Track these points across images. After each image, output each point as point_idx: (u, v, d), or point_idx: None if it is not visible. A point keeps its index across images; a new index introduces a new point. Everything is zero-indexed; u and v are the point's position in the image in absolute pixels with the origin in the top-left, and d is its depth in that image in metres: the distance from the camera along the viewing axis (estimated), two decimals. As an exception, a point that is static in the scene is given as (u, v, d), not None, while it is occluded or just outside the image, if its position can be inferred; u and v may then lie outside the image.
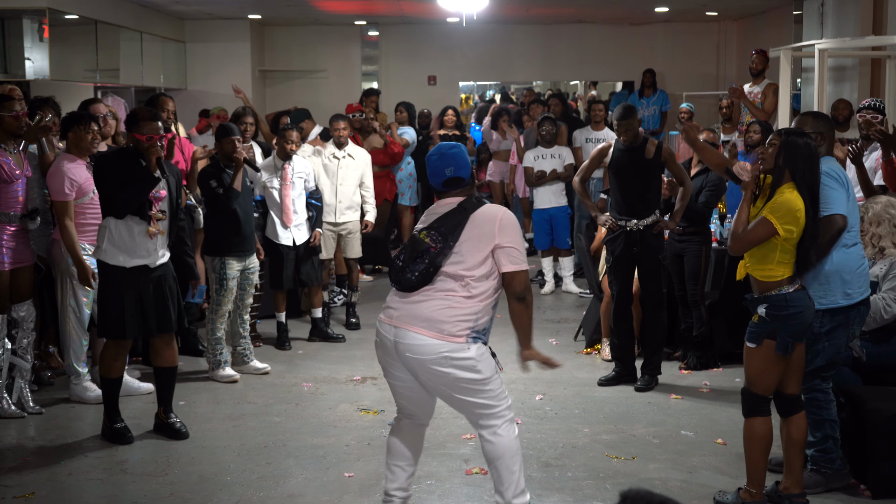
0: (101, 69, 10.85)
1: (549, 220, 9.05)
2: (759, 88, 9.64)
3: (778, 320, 4.11)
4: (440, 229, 3.83)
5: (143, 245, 5.15)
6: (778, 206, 4.10)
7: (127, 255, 5.14)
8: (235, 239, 6.34)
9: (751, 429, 4.25)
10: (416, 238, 3.85)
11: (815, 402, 4.47)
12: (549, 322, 8.01)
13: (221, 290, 6.34)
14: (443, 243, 3.79)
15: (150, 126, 5.10)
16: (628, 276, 6.24)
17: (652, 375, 6.15)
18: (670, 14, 13.44)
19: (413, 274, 3.78)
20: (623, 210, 6.17)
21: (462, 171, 3.96)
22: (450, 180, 3.95)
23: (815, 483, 4.48)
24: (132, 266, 5.14)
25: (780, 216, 4.08)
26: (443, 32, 14.39)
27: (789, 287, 4.13)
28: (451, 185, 3.96)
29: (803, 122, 4.62)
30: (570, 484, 4.65)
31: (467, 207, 3.89)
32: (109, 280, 5.18)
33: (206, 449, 5.14)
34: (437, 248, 3.78)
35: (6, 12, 9.50)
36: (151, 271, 5.19)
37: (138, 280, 5.16)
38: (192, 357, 6.94)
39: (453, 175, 3.94)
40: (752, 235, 4.15)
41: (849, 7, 9.46)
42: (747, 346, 4.21)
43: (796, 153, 4.15)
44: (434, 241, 3.80)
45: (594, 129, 9.56)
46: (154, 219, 5.16)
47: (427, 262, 3.78)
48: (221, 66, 13.54)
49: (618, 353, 6.31)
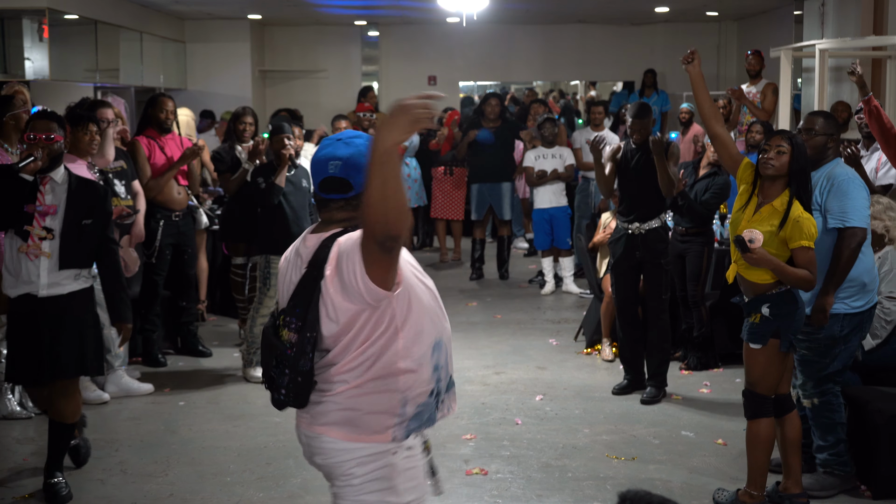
0: (101, 69, 10.85)
1: (550, 221, 9.04)
2: (756, 88, 9.63)
3: (781, 318, 4.10)
4: (295, 310, 2.59)
5: (25, 268, 4.37)
6: (804, 229, 4.04)
7: (13, 280, 4.43)
8: (283, 237, 6.27)
9: (756, 431, 4.23)
10: (268, 335, 2.64)
11: (829, 405, 4.45)
12: (549, 322, 8.00)
13: (265, 288, 6.30)
14: (302, 332, 2.57)
15: (40, 125, 4.43)
16: (632, 280, 6.09)
17: (658, 388, 5.97)
18: (670, 14, 13.44)
19: (280, 393, 2.62)
20: (626, 212, 6.04)
21: (350, 172, 2.62)
22: (329, 182, 2.64)
23: (830, 486, 4.47)
24: (17, 295, 4.41)
25: (810, 236, 4.05)
26: (443, 32, 14.38)
27: (782, 286, 4.13)
28: (330, 191, 2.65)
29: (813, 121, 4.52)
30: (570, 484, 4.64)
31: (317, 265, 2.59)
32: (7, 312, 4.56)
33: (206, 449, 5.14)
34: (294, 346, 2.57)
35: (6, 12, 9.50)
36: (40, 303, 4.37)
37: (26, 312, 4.40)
38: (193, 357, 6.94)
39: (336, 174, 2.63)
40: (811, 267, 4.05)
41: (849, 7, 9.45)
42: (750, 348, 4.19)
43: (805, 159, 4.14)
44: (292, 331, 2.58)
45: (594, 130, 9.55)
46: (34, 236, 4.35)
47: (288, 374, 2.59)
48: (221, 66, 13.55)
49: (628, 359, 6.17)
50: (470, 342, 7.25)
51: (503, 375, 6.46)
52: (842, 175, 4.39)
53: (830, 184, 4.38)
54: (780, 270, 4.05)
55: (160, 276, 6.75)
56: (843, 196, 4.33)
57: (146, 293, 6.72)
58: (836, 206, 4.34)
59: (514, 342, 7.29)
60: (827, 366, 4.39)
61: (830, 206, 4.35)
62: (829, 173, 4.41)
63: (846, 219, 4.31)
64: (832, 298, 4.34)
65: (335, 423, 2.60)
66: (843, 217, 4.32)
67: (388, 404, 2.59)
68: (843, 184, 4.35)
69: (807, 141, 4.42)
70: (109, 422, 5.64)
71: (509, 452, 5.05)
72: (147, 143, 6.68)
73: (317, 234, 2.65)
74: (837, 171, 4.41)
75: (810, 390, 4.45)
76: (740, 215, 4.27)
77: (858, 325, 4.43)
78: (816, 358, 4.40)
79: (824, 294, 4.33)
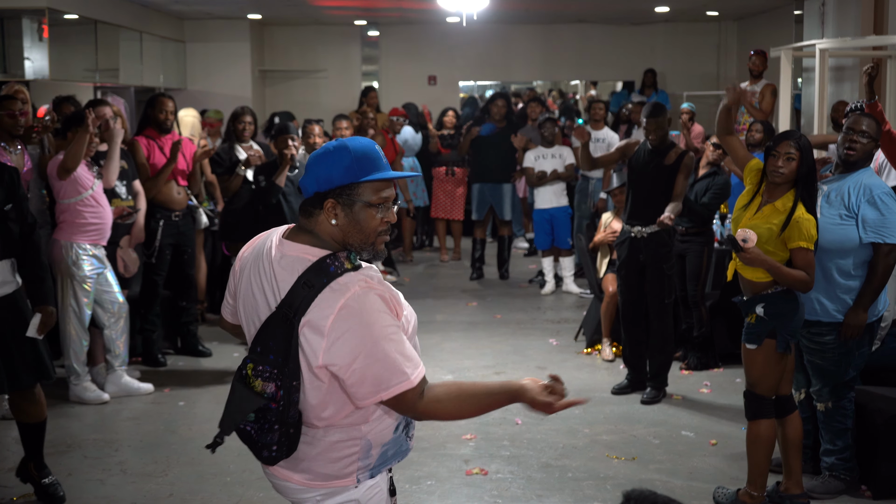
0: (101, 69, 10.85)
1: (550, 220, 9.04)
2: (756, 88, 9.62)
3: (776, 318, 4.10)
4: (268, 357, 2.34)
5: None
6: (803, 230, 4.02)
7: None
8: None
9: (756, 431, 4.23)
10: (240, 388, 2.38)
11: (843, 410, 4.44)
12: (549, 322, 8.00)
13: None
14: (281, 382, 2.33)
15: None
16: (635, 282, 6.06)
17: (658, 389, 5.97)
18: (670, 14, 13.43)
19: (270, 451, 2.41)
20: (631, 214, 6.01)
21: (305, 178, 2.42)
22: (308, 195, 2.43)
23: (834, 489, 4.46)
24: None
25: (810, 237, 4.02)
26: (443, 32, 14.38)
27: (778, 286, 4.11)
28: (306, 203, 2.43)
29: (866, 124, 4.34)
30: (570, 484, 4.64)
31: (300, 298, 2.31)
32: None
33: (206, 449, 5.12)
34: (280, 399, 2.33)
35: (6, 12, 9.50)
36: None
37: None
38: (193, 357, 6.94)
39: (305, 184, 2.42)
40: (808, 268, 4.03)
41: (849, 7, 9.45)
42: (747, 348, 4.19)
43: (812, 160, 4.11)
44: (266, 381, 2.33)
45: (594, 129, 9.56)
46: None
47: (277, 429, 2.37)
48: (221, 66, 13.55)
49: (629, 360, 6.17)
50: (470, 342, 7.25)
51: (503, 375, 6.46)
52: (879, 187, 4.30)
53: (868, 194, 4.27)
54: (776, 270, 4.03)
55: (160, 277, 6.75)
56: (883, 209, 4.24)
57: (146, 293, 6.72)
58: (875, 220, 4.25)
59: (514, 342, 7.29)
60: (844, 374, 4.39)
61: (867, 217, 4.26)
62: (866, 183, 4.30)
63: (885, 234, 4.25)
64: (866, 315, 4.30)
65: (297, 470, 2.45)
66: (882, 232, 4.25)
67: (350, 451, 2.41)
68: (882, 196, 4.26)
69: (856, 142, 4.31)
70: (109, 422, 5.64)
71: (509, 452, 5.05)
72: (146, 143, 6.68)
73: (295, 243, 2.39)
74: (874, 182, 4.32)
75: (826, 395, 4.43)
76: (742, 213, 4.27)
77: (870, 331, 4.43)
78: (833, 368, 4.38)
79: (859, 308, 4.29)
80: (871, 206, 4.26)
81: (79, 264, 5.69)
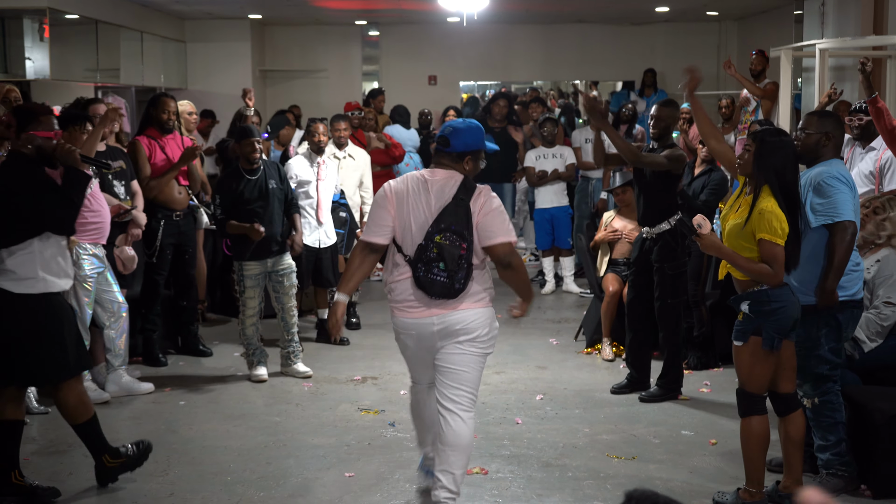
0: (102, 69, 10.86)
1: (551, 220, 9.04)
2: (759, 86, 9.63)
3: (761, 316, 4.10)
4: (451, 228, 3.92)
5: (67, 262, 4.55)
6: (765, 221, 4.02)
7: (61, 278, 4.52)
8: (252, 242, 6.25)
9: (748, 428, 4.24)
10: (443, 246, 3.91)
11: (830, 404, 4.44)
12: (549, 322, 8.01)
13: (241, 292, 6.36)
14: (466, 241, 3.92)
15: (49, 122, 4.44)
16: (641, 282, 6.06)
17: (663, 388, 5.93)
18: (671, 14, 13.44)
19: (460, 283, 3.92)
20: (642, 216, 6.05)
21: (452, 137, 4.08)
22: (441, 139, 4.09)
23: (834, 487, 4.43)
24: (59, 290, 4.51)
25: (772, 230, 4.02)
26: (443, 32, 14.39)
27: (761, 284, 4.11)
28: (439, 144, 4.10)
29: (808, 122, 4.54)
30: (570, 484, 4.64)
31: (464, 197, 3.99)
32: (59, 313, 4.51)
33: (206, 449, 5.14)
34: (465, 248, 3.91)
35: (6, 12, 9.51)
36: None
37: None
38: (193, 357, 6.95)
39: (442, 134, 4.11)
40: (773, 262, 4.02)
41: (849, 7, 9.45)
42: (735, 345, 4.21)
43: (771, 154, 4.11)
44: (454, 243, 3.90)
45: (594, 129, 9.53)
46: None
47: (465, 266, 3.93)
48: (222, 66, 13.55)
49: (629, 359, 6.16)
50: (470, 342, 7.23)
51: (503, 375, 6.46)
52: (826, 173, 4.39)
53: (814, 182, 4.39)
54: (734, 260, 4.07)
55: (161, 276, 6.76)
56: (829, 192, 4.32)
57: (147, 293, 6.73)
58: (822, 203, 4.34)
59: (514, 342, 7.29)
60: (814, 366, 4.39)
61: (815, 203, 4.36)
62: (817, 172, 4.42)
63: (834, 214, 4.31)
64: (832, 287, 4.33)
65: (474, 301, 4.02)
66: (831, 212, 4.31)
67: (489, 283, 4.12)
68: (827, 180, 4.34)
69: (802, 140, 4.45)
70: (110, 421, 5.62)
71: (509, 452, 5.05)
72: (148, 143, 6.68)
73: (440, 171, 4.07)
74: (823, 170, 4.41)
75: (809, 391, 4.45)
76: (726, 209, 4.32)
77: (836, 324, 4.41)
78: (801, 361, 4.37)
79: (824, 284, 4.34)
80: (817, 193, 4.35)
81: (79, 264, 5.69)
